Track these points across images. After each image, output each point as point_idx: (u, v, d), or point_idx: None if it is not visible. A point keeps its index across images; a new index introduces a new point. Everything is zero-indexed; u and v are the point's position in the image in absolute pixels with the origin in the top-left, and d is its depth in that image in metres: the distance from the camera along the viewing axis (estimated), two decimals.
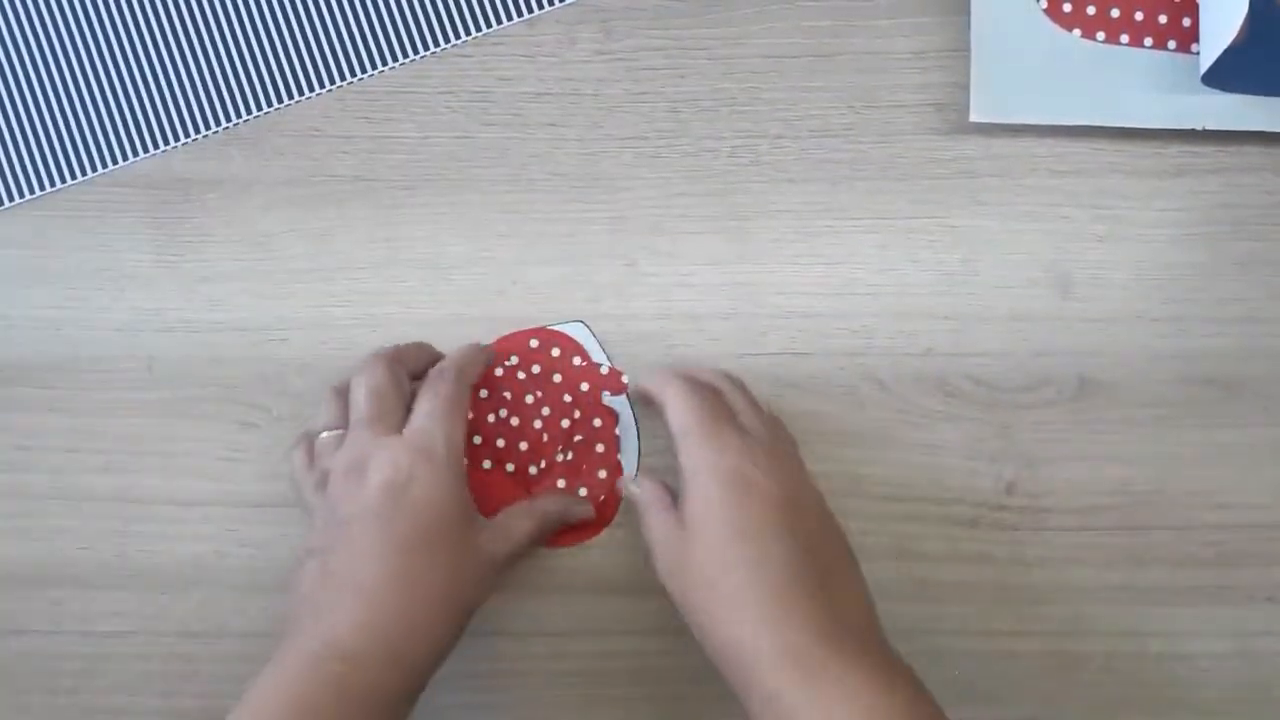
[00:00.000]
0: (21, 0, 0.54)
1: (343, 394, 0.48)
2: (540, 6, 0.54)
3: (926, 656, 0.43)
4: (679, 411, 0.46)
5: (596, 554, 0.52)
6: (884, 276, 0.53)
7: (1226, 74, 0.49)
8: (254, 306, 0.53)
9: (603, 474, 0.52)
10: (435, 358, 0.51)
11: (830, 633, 0.41)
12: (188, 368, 0.53)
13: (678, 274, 0.53)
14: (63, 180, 0.54)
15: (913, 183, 0.53)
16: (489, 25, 0.54)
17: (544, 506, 0.49)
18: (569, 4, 0.54)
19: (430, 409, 0.46)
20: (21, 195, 0.54)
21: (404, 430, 0.46)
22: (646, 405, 0.50)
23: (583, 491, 0.52)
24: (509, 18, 0.54)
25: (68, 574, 0.52)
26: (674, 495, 0.46)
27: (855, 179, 0.53)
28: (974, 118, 0.52)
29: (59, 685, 0.52)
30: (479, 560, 0.46)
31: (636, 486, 0.47)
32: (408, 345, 0.51)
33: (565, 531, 0.51)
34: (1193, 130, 0.52)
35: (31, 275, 0.54)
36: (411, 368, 0.49)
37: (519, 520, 0.48)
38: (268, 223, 0.54)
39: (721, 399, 0.48)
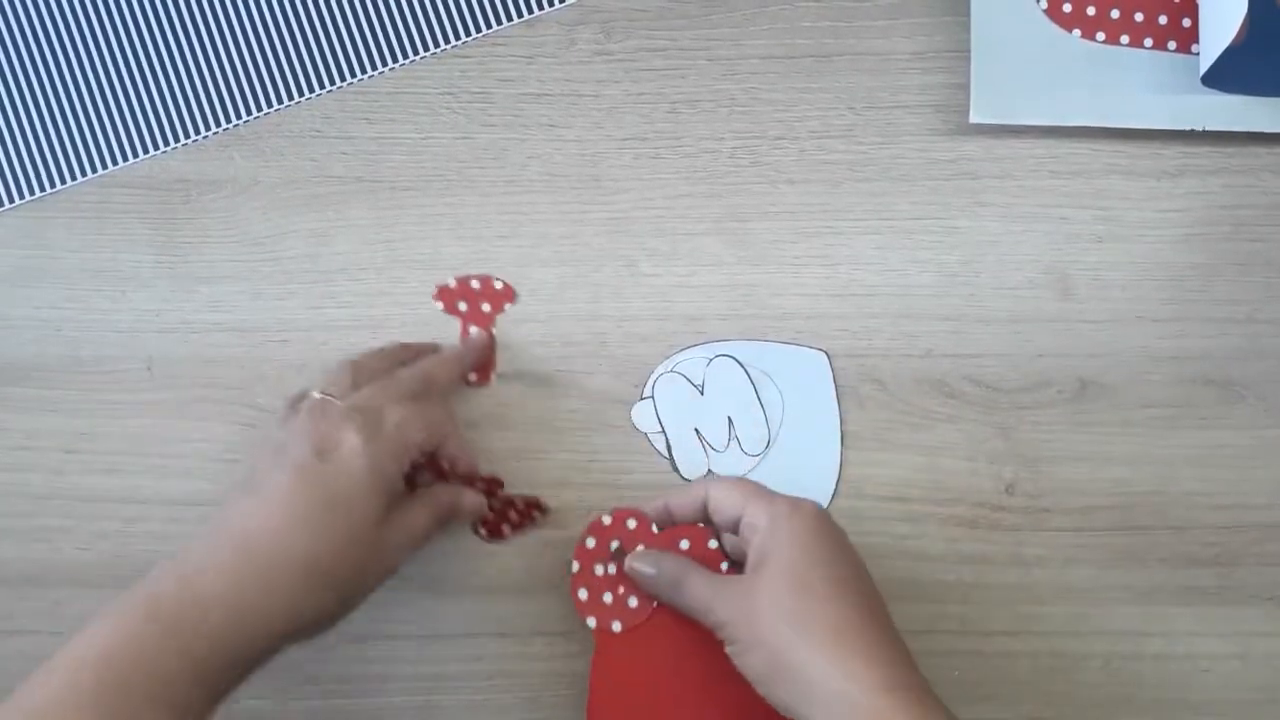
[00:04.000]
0: (21, 0, 0.55)
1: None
2: (540, 7, 0.54)
3: (926, 656, 0.43)
4: (729, 489, 0.46)
5: None
6: (884, 277, 0.53)
7: (1226, 74, 0.49)
8: (253, 307, 0.53)
9: None
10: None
11: (905, 675, 0.41)
12: (188, 368, 0.53)
13: (677, 275, 0.53)
14: (62, 181, 0.54)
15: (913, 184, 0.53)
16: (489, 26, 0.54)
17: (437, 495, 0.48)
18: (569, 5, 0.54)
19: (382, 385, 0.46)
20: (21, 196, 0.54)
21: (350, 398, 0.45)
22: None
23: None
24: (509, 18, 0.54)
25: (68, 574, 0.52)
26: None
27: (855, 180, 0.53)
28: (974, 119, 0.52)
29: None
30: (377, 549, 0.44)
31: (651, 567, 0.47)
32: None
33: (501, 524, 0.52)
34: (1193, 130, 0.52)
35: (31, 275, 0.54)
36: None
37: (416, 515, 0.46)
38: (268, 223, 0.54)
39: None
